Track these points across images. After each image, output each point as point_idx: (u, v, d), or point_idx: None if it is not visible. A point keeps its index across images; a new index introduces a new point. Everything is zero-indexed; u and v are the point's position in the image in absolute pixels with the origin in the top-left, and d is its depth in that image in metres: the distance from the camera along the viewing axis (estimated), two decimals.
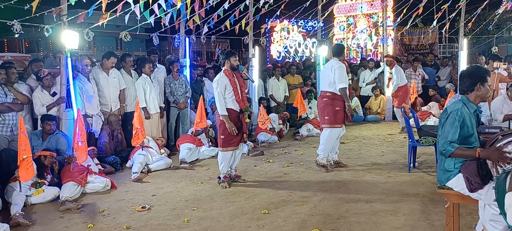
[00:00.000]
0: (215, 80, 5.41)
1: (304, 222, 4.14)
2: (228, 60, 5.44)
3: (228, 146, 5.44)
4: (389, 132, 8.96)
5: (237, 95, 5.39)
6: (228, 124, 5.31)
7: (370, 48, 15.38)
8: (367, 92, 11.00)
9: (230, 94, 5.36)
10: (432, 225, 3.97)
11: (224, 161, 5.48)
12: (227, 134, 5.35)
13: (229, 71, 5.42)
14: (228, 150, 5.45)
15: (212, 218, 4.34)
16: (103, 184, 5.34)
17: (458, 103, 3.22)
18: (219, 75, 5.43)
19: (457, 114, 3.13)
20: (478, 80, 3.21)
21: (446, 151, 3.09)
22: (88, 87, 6.50)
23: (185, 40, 8.28)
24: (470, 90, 3.24)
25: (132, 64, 7.34)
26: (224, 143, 5.44)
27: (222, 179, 5.48)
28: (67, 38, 5.85)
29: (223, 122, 5.36)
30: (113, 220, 4.38)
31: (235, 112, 5.42)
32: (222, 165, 5.50)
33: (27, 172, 4.59)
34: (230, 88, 5.34)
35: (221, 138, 5.45)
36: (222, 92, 5.31)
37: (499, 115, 5.62)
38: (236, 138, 5.42)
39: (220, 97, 5.31)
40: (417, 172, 5.81)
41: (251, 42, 9.11)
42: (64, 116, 6.11)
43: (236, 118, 5.44)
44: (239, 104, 5.42)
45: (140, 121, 6.40)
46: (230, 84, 5.34)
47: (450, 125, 3.13)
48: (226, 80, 5.34)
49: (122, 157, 6.58)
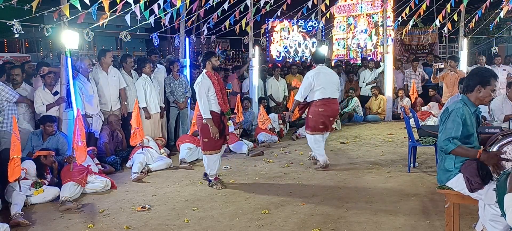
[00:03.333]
0: (198, 82, 5.23)
1: (304, 222, 4.14)
2: (209, 61, 5.27)
3: (212, 150, 5.33)
4: (389, 132, 8.96)
5: (220, 97, 5.27)
6: (212, 128, 5.18)
7: (370, 48, 15.38)
8: (367, 92, 11.00)
9: (213, 96, 5.23)
10: (432, 225, 3.97)
11: (211, 164, 5.39)
12: (211, 137, 5.23)
13: (211, 73, 5.29)
14: (213, 153, 5.35)
15: (212, 218, 4.34)
16: (103, 184, 5.34)
17: (459, 103, 3.23)
18: (201, 77, 5.25)
19: (458, 112, 3.14)
20: (479, 82, 3.22)
21: (447, 147, 3.09)
22: (88, 87, 6.50)
23: (185, 40, 8.28)
24: (470, 90, 3.25)
25: (132, 65, 7.34)
26: (208, 146, 5.31)
27: (213, 181, 5.39)
28: (67, 38, 5.85)
29: (206, 125, 5.22)
30: (113, 220, 4.38)
31: (218, 115, 5.31)
32: (209, 168, 5.41)
33: (14, 172, 4.58)
34: (213, 90, 5.21)
35: (205, 142, 5.31)
36: (206, 94, 5.18)
37: (500, 115, 5.62)
38: (219, 141, 5.32)
39: (204, 100, 5.16)
40: (417, 172, 5.81)
41: (251, 42, 9.12)
42: (64, 116, 6.12)
43: (219, 121, 5.33)
44: (221, 106, 5.30)
45: (137, 120, 6.39)
46: (212, 86, 5.21)
47: (452, 122, 3.13)
48: (209, 81, 5.20)
49: (122, 157, 6.58)
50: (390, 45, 10.78)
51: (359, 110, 10.50)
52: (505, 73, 10.14)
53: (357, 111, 10.46)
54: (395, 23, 10.36)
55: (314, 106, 6.11)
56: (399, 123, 9.95)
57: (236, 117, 7.84)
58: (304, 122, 8.89)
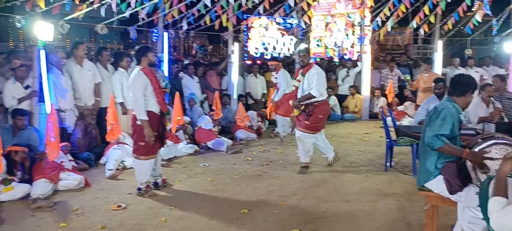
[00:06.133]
0: (132, 80, 4.76)
1: (284, 222, 4.11)
2: (145, 57, 4.78)
3: (147, 155, 4.84)
4: (366, 131, 9.05)
5: (159, 95, 4.81)
6: (148, 131, 4.69)
7: (346, 47, 15.52)
8: (345, 91, 11.09)
9: (151, 95, 4.75)
10: (410, 225, 4.02)
11: (145, 170, 4.88)
12: (146, 141, 4.78)
13: (148, 69, 4.81)
14: (148, 159, 4.89)
15: (190, 217, 4.26)
16: (77, 181, 5.17)
17: (448, 104, 3.28)
18: (135, 73, 4.75)
19: (449, 111, 3.19)
20: (470, 88, 3.34)
21: (435, 143, 3.11)
22: (62, 81, 6.29)
23: (163, 34, 8.12)
24: (461, 95, 3.33)
25: (108, 59, 7.14)
26: (142, 151, 4.82)
27: (143, 189, 4.90)
28: (41, 29, 5.63)
29: (140, 126, 4.73)
30: (87, 219, 4.24)
31: (156, 115, 4.84)
32: (141, 175, 4.89)
33: None
34: (150, 88, 4.73)
35: (140, 145, 4.81)
36: (142, 92, 4.71)
37: (474, 117, 5.74)
38: (156, 145, 4.88)
39: (139, 99, 4.68)
40: (394, 171, 5.89)
41: (231, 39, 9.03)
42: (36, 110, 5.88)
43: (157, 122, 4.88)
44: (160, 106, 4.85)
45: (114, 116, 6.21)
46: (150, 83, 4.73)
47: (441, 120, 3.17)
48: (146, 79, 4.71)
49: (96, 153, 6.39)
50: (368, 46, 10.89)
51: (336, 109, 10.58)
52: (477, 75, 10.38)
53: (335, 110, 10.53)
54: (374, 24, 10.44)
55: (324, 104, 5.88)
56: (375, 122, 10.08)
57: (214, 114, 7.76)
58: (281, 120, 8.70)
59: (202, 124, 7.67)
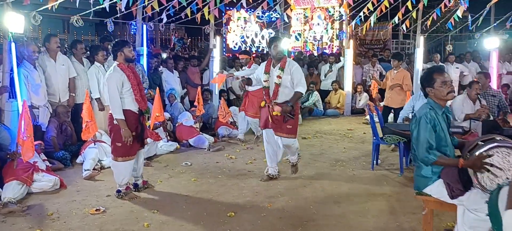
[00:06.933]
0: (108, 77, 4.49)
1: (272, 226, 3.95)
2: (121, 52, 4.52)
3: (125, 156, 4.57)
4: (349, 127, 9.00)
5: (137, 92, 4.57)
6: (124, 131, 4.44)
7: (326, 42, 15.49)
8: (327, 86, 11.03)
9: (128, 92, 4.50)
10: (402, 228, 3.92)
11: (122, 173, 4.62)
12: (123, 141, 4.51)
13: (125, 65, 4.56)
14: (126, 160, 4.61)
15: (174, 222, 4.03)
16: (52, 183, 4.87)
17: (425, 108, 3.17)
18: (111, 70, 4.51)
19: (426, 117, 3.09)
20: (427, 85, 3.21)
21: (428, 159, 3.01)
22: (35, 75, 5.93)
23: (142, 27, 7.81)
24: (429, 89, 3.21)
25: (84, 52, 6.80)
26: (120, 152, 4.55)
27: (123, 191, 4.65)
28: (11, 21, 5.26)
29: (117, 126, 4.48)
30: (64, 224, 3.97)
31: (135, 114, 4.59)
32: (120, 177, 4.63)
33: None
34: (128, 85, 4.48)
35: (117, 146, 4.55)
36: (118, 90, 4.45)
37: (460, 114, 5.71)
38: (134, 146, 4.61)
39: (115, 97, 4.43)
40: (380, 169, 5.81)
41: (212, 32, 8.78)
42: (7, 107, 5.52)
43: (136, 121, 4.63)
44: (139, 104, 4.61)
45: (89, 113, 5.88)
46: (127, 80, 4.48)
47: (423, 130, 3.07)
48: (123, 75, 4.46)
49: (72, 152, 6.09)
50: (350, 41, 10.83)
51: (319, 104, 10.50)
52: (458, 71, 10.51)
53: (317, 106, 10.45)
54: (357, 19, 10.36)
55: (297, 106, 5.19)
56: (358, 118, 10.06)
57: (196, 110, 7.53)
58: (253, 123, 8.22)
59: (183, 120, 7.44)
